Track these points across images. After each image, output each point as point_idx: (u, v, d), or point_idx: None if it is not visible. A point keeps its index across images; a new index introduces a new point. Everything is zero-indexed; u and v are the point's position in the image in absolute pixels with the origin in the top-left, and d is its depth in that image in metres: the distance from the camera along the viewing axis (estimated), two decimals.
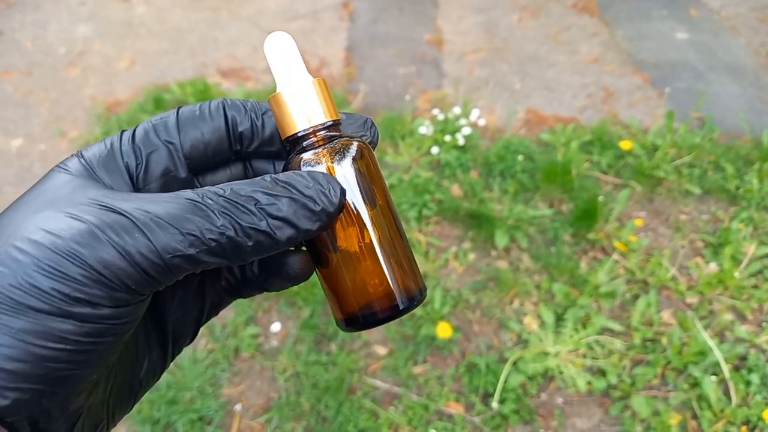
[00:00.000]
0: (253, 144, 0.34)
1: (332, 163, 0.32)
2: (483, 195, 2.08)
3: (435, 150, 2.22)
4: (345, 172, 0.32)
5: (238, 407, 1.59)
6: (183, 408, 1.55)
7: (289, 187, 0.29)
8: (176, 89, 2.58)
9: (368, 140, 0.36)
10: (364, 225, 0.33)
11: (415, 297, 0.35)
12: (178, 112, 0.33)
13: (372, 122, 0.37)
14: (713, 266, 1.86)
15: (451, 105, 2.49)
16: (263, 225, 0.28)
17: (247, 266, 0.37)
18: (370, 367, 1.65)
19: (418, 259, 1.89)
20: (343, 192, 0.31)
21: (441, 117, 2.36)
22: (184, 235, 0.26)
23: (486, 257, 1.92)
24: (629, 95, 2.60)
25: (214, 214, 0.27)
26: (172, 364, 1.67)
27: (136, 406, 1.54)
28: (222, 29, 3.10)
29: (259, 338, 1.73)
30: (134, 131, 0.32)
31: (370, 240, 0.33)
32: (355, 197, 0.33)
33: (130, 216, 0.26)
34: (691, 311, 1.74)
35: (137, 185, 0.31)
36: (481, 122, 2.38)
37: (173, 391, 1.58)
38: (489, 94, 2.61)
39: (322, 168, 0.32)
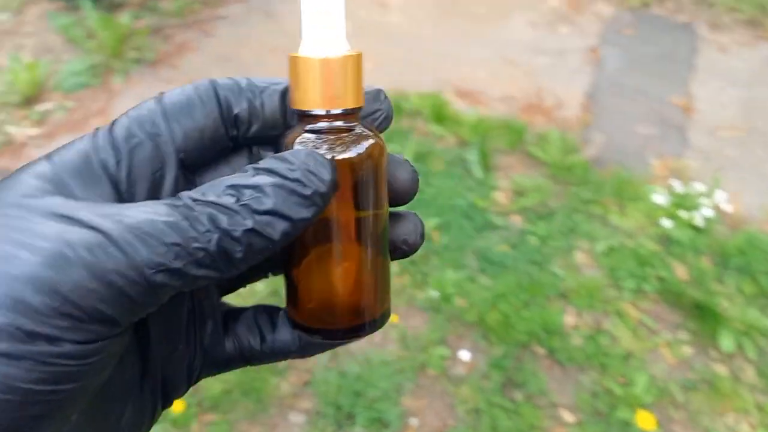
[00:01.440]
0: (252, 128, 0.29)
1: (336, 153, 0.28)
2: (713, 287, 1.90)
3: (666, 223, 2.07)
4: (348, 167, 0.28)
5: (414, 421, 1.61)
6: (366, 403, 1.61)
7: (271, 174, 0.25)
8: (414, 99, 2.70)
9: (383, 114, 0.31)
10: (357, 228, 0.29)
11: (377, 323, 0.31)
12: (162, 98, 0.28)
13: (385, 94, 0.32)
14: None
15: (692, 179, 2.31)
16: (249, 223, 0.24)
17: (284, 326, 0.33)
18: (553, 430, 1.58)
19: (625, 333, 1.78)
20: (333, 166, 0.26)
21: (679, 189, 2.20)
22: (167, 246, 0.23)
23: (703, 356, 1.74)
24: None
25: (197, 219, 0.23)
26: (362, 356, 1.74)
27: (332, 382, 1.64)
28: (467, 49, 3.18)
29: (447, 361, 1.74)
30: (112, 126, 0.27)
31: (358, 246, 0.30)
32: (354, 196, 0.29)
33: (101, 229, 0.23)
34: None
35: (120, 189, 0.27)
36: (725, 207, 2.17)
37: (361, 384, 1.65)
38: (738, 178, 2.38)
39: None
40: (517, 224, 2.14)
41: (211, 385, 1.61)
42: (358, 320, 0.31)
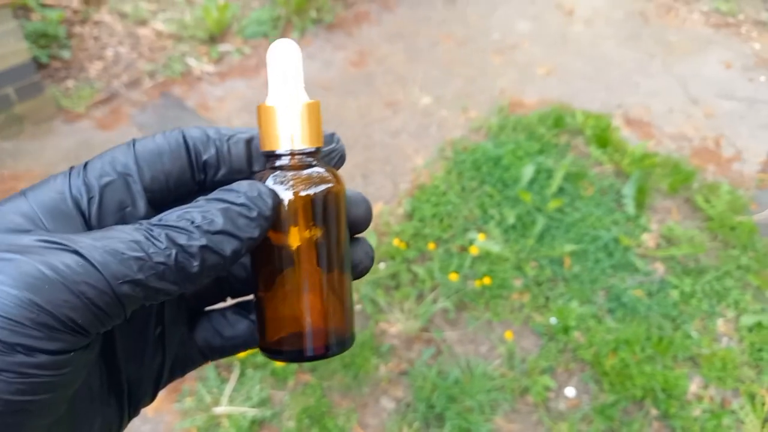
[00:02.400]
0: (219, 172, 0.33)
1: (298, 189, 0.32)
2: None
3: None
4: (309, 200, 0.32)
5: None
6: (459, 410, 1.59)
7: (220, 202, 0.29)
8: (579, 116, 2.57)
9: (338, 155, 0.35)
10: (317, 257, 0.33)
11: (345, 343, 0.34)
12: (134, 144, 0.31)
13: (338, 137, 0.36)
14: None
15: None
16: (204, 241, 0.27)
17: (238, 322, 0.36)
18: None
19: (753, 420, 1.61)
20: (273, 193, 0.31)
21: None
22: (132, 259, 0.25)
23: None
24: None
25: (157, 238, 0.26)
26: (464, 361, 1.71)
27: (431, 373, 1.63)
28: (647, 76, 2.98)
29: (550, 393, 1.67)
30: (86, 166, 0.30)
31: (319, 274, 0.33)
32: (314, 228, 0.32)
33: (74, 248, 0.25)
34: None
35: (90, 223, 0.29)
36: None
37: (458, 390, 1.63)
38: None
39: (288, 193, 0.32)
40: (660, 273, 1.99)
41: None
42: (323, 342, 0.34)
